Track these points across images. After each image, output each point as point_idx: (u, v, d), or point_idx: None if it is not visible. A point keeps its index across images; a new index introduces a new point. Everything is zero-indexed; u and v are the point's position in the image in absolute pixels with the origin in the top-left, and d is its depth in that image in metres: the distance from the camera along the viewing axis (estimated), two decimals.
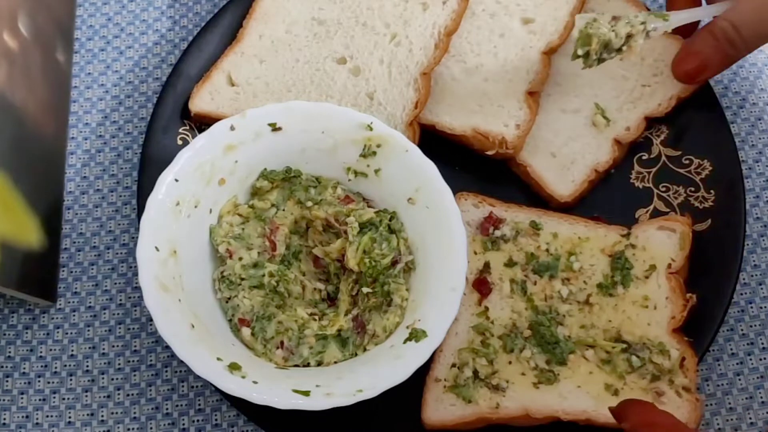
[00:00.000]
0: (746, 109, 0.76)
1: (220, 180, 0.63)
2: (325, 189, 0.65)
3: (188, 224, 0.61)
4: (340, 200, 0.64)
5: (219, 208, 0.64)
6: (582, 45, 0.63)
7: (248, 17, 0.75)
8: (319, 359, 0.59)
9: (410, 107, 0.68)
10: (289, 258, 0.64)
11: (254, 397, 0.53)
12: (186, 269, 0.60)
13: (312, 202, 0.64)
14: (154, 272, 0.57)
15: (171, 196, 0.60)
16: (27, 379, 0.65)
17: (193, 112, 0.70)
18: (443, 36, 0.70)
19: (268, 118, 0.63)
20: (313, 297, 0.63)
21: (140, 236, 0.58)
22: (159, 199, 0.59)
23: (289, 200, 0.65)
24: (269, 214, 0.65)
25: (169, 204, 0.60)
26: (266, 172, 0.64)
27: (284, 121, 0.63)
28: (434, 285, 0.59)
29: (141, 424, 0.64)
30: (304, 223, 0.65)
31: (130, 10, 0.81)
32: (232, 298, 0.61)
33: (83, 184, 0.73)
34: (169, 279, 0.58)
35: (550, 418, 0.59)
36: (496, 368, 0.61)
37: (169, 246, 0.59)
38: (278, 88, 0.71)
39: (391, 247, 0.62)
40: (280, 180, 0.65)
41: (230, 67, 0.72)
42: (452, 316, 0.57)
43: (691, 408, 0.59)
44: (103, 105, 0.77)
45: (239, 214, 0.64)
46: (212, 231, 0.63)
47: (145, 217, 0.58)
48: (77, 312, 0.68)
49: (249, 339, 0.60)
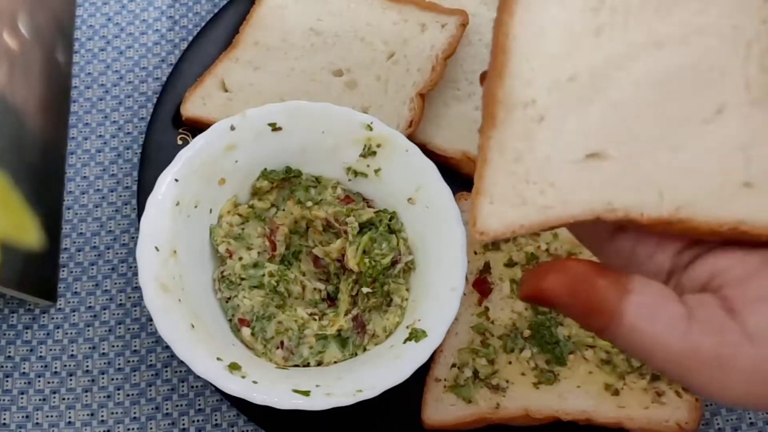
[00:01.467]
0: None
1: (220, 180, 0.63)
2: (325, 189, 0.65)
3: (188, 224, 0.61)
4: (340, 200, 0.64)
5: (219, 208, 0.64)
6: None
7: (244, 23, 0.74)
8: (319, 359, 0.59)
9: (404, 125, 0.68)
10: (289, 258, 0.64)
11: (254, 397, 0.53)
12: (186, 269, 0.60)
13: (312, 202, 0.64)
14: (154, 272, 0.57)
15: (171, 196, 0.60)
16: (27, 379, 0.65)
17: (184, 116, 0.70)
18: (440, 59, 0.70)
19: (269, 118, 0.63)
20: (313, 297, 0.63)
21: (140, 236, 0.58)
22: (159, 199, 0.59)
23: (289, 200, 0.65)
24: (269, 214, 0.65)
25: (168, 204, 0.60)
26: (266, 172, 0.64)
27: (284, 121, 0.63)
28: (434, 285, 0.59)
29: (141, 424, 0.64)
30: (304, 223, 0.65)
31: (130, 10, 0.81)
32: (232, 298, 0.61)
33: (83, 184, 0.73)
34: (169, 279, 0.58)
35: (550, 418, 0.59)
36: (496, 368, 0.61)
37: (169, 246, 0.59)
38: (271, 96, 0.71)
39: (390, 247, 0.62)
40: (280, 180, 0.65)
41: (224, 73, 0.72)
42: (452, 316, 0.57)
43: (690, 408, 0.59)
44: (103, 105, 0.77)
45: (239, 214, 0.64)
46: (212, 231, 0.63)
47: (145, 217, 0.58)
48: (77, 312, 0.68)
49: (249, 339, 0.60)
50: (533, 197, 0.39)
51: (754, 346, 0.35)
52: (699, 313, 0.37)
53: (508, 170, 0.39)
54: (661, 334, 0.37)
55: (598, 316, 0.38)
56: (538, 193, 0.39)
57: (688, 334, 0.36)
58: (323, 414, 0.54)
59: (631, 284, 0.39)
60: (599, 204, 0.38)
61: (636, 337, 0.37)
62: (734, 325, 0.36)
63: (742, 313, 0.36)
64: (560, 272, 0.39)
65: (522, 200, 0.39)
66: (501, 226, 0.39)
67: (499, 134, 0.39)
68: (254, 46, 0.73)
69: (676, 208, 0.38)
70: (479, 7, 0.75)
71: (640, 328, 0.37)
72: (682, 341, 0.36)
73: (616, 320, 0.38)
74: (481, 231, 0.39)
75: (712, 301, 0.37)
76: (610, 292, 0.38)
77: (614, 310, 0.38)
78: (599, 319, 0.38)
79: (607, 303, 0.38)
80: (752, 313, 0.36)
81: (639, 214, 0.38)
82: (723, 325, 0.36)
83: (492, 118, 0.39)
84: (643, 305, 0.38)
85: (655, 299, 0.38)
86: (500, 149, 0.39)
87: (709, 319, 0.37)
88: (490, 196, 0.39)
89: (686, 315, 0.37)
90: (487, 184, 0.39)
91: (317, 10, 0.75)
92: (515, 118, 0.39)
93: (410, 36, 0.72)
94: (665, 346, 0.36)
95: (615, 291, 0.38)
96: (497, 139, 0.39)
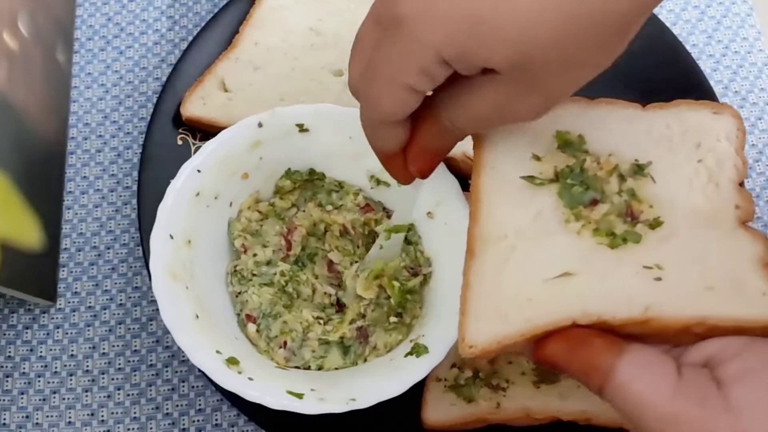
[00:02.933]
0: (746, 108, 0.76)
1: (243, 174, 0.63)
2: (347, 194, 0.65)
3: (207, 215, 0.61)
4: (360, 208, 0.64)
5: (240, 202, 0.64)
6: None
7: (244, 23, 0.74)
8: (320, 363, 0.59)
9: None
10: (303, 259, 0.64)
11: (247, 393, 0.53)
12: (200, 259, 0.60)
13: (332, 206, 0.64)
14: (166, 259, 0.57)
15: (191, 186, 0.60)
16: (27, 379, 0.65)
17: (184, 116, 0.70)
18: None
19: (297, 119, 0.63)
20: (322, 301, 0.63)
21: (156, 223, 0.57)
22: (177, 188, 0.59)
23: (309, 202, 0.65)
24: (289, 214, 0.65)
25: (188, 193, 0.59)
26: (290, 172, 0.64)
27: (312, 123, 0.63)
28: (442, 303, 0.59)
29: (141, 424, 0.64)
30: (322, 226, 0.65)
31: (130, 10, 0.81)
32: (242, 293, 0.61)
33: (83, 184, 0.73)
34: (180, 267, 0.58)
35: (551, 418, 0.59)
36: (496, 368, 0.61)
37: (183, 235, 0.59)
38: (271, 95, 0.71)
39: (410, 258, 0.62)
40: (303, 181, 0.65)
41: (224, 73, 0.72)
42: (454, 337, 0.57)
43: None
44: (103, 105, 0.77)
45: (259, 210, 0.64)
46: (230, 224, 0.63)
47: (163, 205, 0.58)
48: (77, 312, 0.68)
49: (254, 335, 0.60)
50: (514, 313, 0.44)
51: (733, 417, 0.38)
52: (689, 379, 0.40)
53: (488, 293, 0.45)
54: (648, 393, 0.39)
55: (594, 374, 0.41)
56: (518, 309, 0.44)
57: (675, 399, 0.39)
58: (323, 414, 0.54)
59: (628, 346, 0.41)
60: (574, 312, 0.43)
61: (626, 394, 0.40)
62: (719, 396, 0.38)
63: (726, 386, 0.39)
64: (561, 337, 0.43)
65: (504, 316, 0.44)
66: (488, 339, 0.43)
67: (477, 264, 0.46)
68: (254, 46, 0.73)
69: (644, 308, 0.42)
70: None
71: (630, 386, 0.40)
72: (668, 404, 0.39)
73: (611, 378, 0.40)
74: (470, 345, 0.44)
75: (705, 374, 0.40)
76: (607, 351, 0.41)
77: (609, 368, 0.40)
78: (596, 377, 0.41)
79: (603, 362, 0.41)
80: (734, 387, 0.39)
81: (611, 317, 0.42)
82: (708, 395, 0.39)
83: (471, 251, 0.46)
84: (636, 365, 0.40)
85: (649, 361, 0.41)
86: (480, 276, 0.45)
87: (697, 387, 0.39)
88: (475, 316, 0.44)
89: (676, 379, 0.39)
90: (471, 306, 0.45)
91: (317, 10, 0.75)
92: (490, 251, 0.46)
93: None
94: (652, 406, 0.39)
95: (611, 351, 0.41)
96: (476, 269, 0.46)
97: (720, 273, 0.44)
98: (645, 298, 0.43)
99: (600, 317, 0.42)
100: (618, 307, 0.42)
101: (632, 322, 0.42)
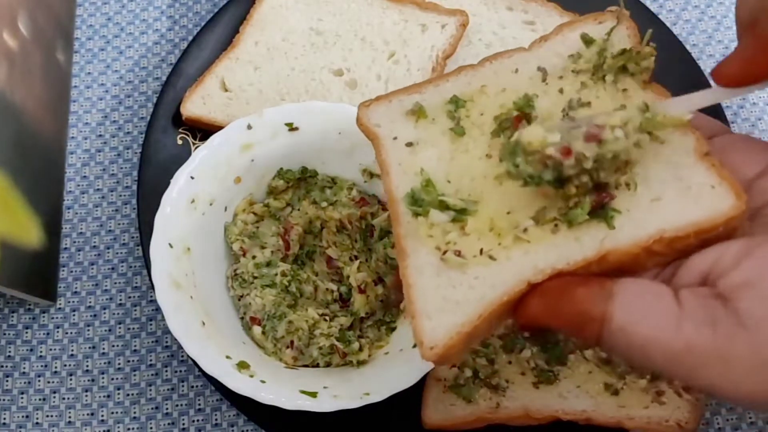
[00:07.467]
0: (746, 109, 0.76)
1: (236, 178, 0.63)
2: (340, 190, 0.65)
3: (203, 221, 0.61)
4: (355, 202, 0.64)
5: (234, 206, 0.64)
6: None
7: (245, 23, 0.74)
8: (328, 360, 0.59)
9: None
10: (303, 258, 0.64)
11: (262, 396, 0.53)
12: (199, 266, 0.60)
13: (327, 202, 0.64)
14: (167, 269, 0.57)
15: (186, 194, 0.60)
16: (27, 379, 0.65)
17: (184, 116, 0.70)
18: (441, 59, 0.71)
19: (286, 118, 0.63)
20: (325, 297, 0.63)
21: (154, 232, 0.58)
22: (173, 196, 0.59)
23: (304, 200, 0.65)
24: (284, 214, 0.65)
25: (183, 201, 0.60)
26: (282, 172, 0.65)
27: (301, 121, 0.63)
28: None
29: (141, 423, 0.64)
30: (318, 223, 0.65)
31: (130, 10, 0.81)
32: (244, 296, 0.61)
33: (83, 184, 0.73)
34: (182, 276, 0.58)
35: (550, 418, 0.59)
36: (496, 368, 0.61)
37: (182, 243, 0.59)
38: (272, 95, 0.71)
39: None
40: (296, 180, 0.65)
41: (224, 73, 0.72)
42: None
43: (691, 408, 0.59)
44: (103, 105, 0.77)
45: (254, 212, 0.64)
46: (227, 229, 0.63)
47: (160, 214, 0.58)
48: (77, 312, 0.68)
49: (260, 337, 0.60)
50: (465, 295, 0.42)
51: (749, 332, 0.34)
52: (691, 303, 0.36)
53: (432, 285, 0.43)
54: (652, 332, 0.36)
55: (587, 325, 0.38)
56: (468, 290, 0.42)
57: (681, 329, 0.35)
58: (324, 413, 0.54)
59: (617, 287, 0.38)
60: (526, 272, 0.41)
61: (628, 338, 0.37)
62: (727, 315, 0.35)
63: (732, 300, 0.35)
64: (539, 296, 0.40)
65: (455, 303, 0.42)
66: (447, 333, 0.41)
67: (412, 261, 0.44)
68: (254, 46, 0.73)
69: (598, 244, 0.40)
70: (479, 7, 0.75)
71: (630, 329, 0.37)
72: (675, 337, 0.35)
73: (607, 326, 0.37)
74: (431, 345, 0.41)
75: (706, 292, 0.37)
76: (594, 299, 0.38)
77: (602, 315, 0.37)
78: (590, 327, 0.38)
79: (593, 310, 0.38)
80: (741, 300, 0.35)
81: (566, 265, 0.40)
82: (716, 316, 0.35)
83: (403, 251, 0.45)
84: (630, 305, 0.37)
85: (643, 298, 0.37)
86: (419, 272, 0.44)
87: (701, 310, 0.36)
88: (426, 314, 0.42)
89: (676, 307, 0.36)
90: (419, 305, 0.43)
91: (317, 10, 0.75)
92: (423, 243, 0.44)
93: (410, 36, 0.72)
94: (659, 343, 0.36)
95: (599, 297, 0.38)
96: (413, 265, 0.44)
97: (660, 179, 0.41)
98: (595, 235, 0.40)
99: (554, 269, 0.40)
100: (570, 253, 0.40)
101: (589, 263, 0.40)
